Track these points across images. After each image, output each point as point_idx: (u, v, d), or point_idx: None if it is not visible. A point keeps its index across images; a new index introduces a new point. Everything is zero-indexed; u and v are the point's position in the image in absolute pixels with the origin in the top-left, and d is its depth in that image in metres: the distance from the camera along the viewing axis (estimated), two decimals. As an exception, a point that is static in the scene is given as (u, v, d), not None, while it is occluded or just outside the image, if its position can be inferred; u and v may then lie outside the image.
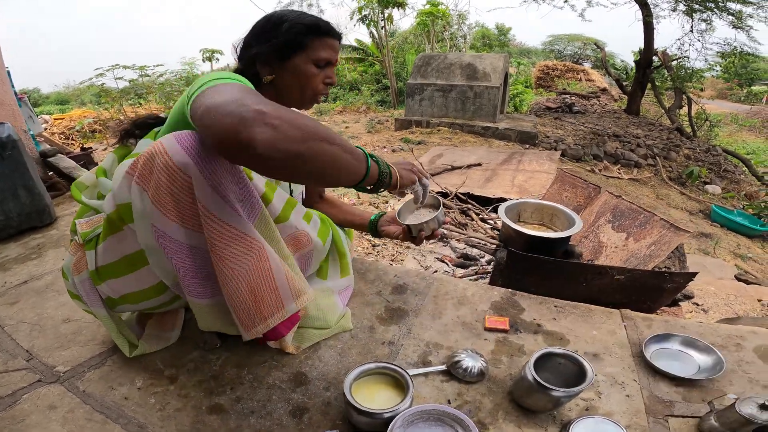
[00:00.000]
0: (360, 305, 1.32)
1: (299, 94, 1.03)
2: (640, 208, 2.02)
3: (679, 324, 1.29)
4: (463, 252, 2.31)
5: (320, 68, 1.01)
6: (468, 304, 1.36)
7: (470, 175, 3.80)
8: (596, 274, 1.56)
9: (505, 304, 1.37)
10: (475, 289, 1.45)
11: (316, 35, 0.98)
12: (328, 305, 1.19)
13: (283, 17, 0.99)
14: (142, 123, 1.03)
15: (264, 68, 1.00)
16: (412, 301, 1.36)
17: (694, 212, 5.73)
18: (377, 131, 7.51)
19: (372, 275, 1.52)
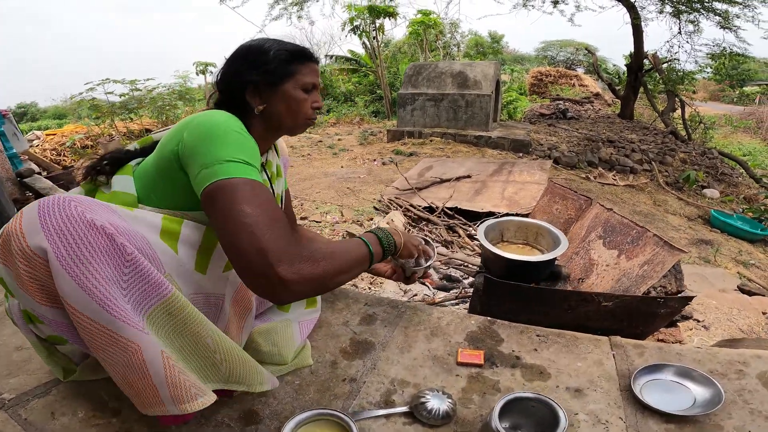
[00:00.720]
0: (324, 337, 1.25)
1: (292, 121, 1.00)
2: (632, 222, 1.90)
3: (674, 351, 1.19)
4: (446, 273, 2.19)
5: (308, 93, 1.00)
6: (441, 335, 1.27)
7: (459, 188, 3.70)
8: (581, 300, 1.45)
9: (482, 334, 1.28)
10: (451, 318, 1.36)
11: (301, 61, 0.98)
12: (284, 340, 1.12)
13: (265, 45, 0.97)
14: (113, 158, 0.96)
15: (254, 98, 0.96)
16: (381, 332, 1.28)
17: (693, 218, 5.62)
18: (369, 143, 7.44)
19: (341, 304, 1.44)
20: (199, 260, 0.85)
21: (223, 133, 0.81)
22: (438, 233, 2.85)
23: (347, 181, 4.53)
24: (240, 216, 0.72)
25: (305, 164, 5.86)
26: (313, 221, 3.12)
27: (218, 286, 0.91)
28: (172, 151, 0.83)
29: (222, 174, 0.76)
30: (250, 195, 0.75)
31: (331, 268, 0.79)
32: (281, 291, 0.72)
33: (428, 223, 3.02)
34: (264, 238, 0.71)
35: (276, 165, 1.14)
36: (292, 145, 7.32)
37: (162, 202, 0.87)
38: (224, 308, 0.93)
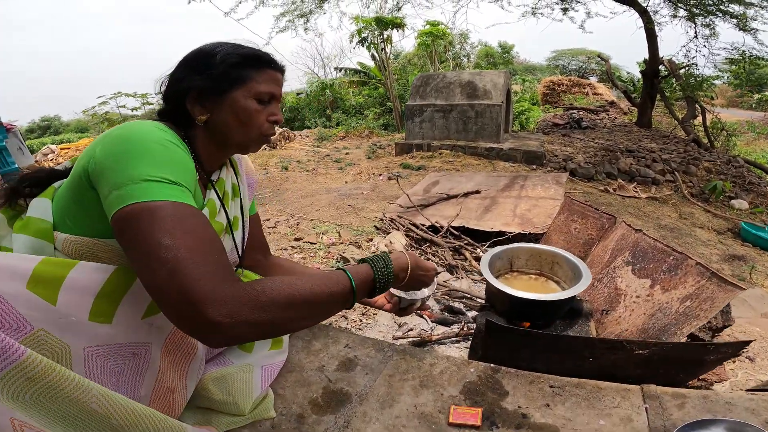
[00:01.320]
0: (293, 384, 1.10)
1: (242, 135, 0.89)
2: (668, 247, 1.61)
3: (722, 401, 0.98)
4: (447, 304, 1.92)
5: (263, 104, 0.89)
6: (433, 386, 1.08)
7: (467, 205, 3.42)
8: (609, 348, 1.18)
9: (482, 385, 1.08)
10: (445, 365, 1.15)
11: (255, 67, 0.87)
12: (241, 388, 0.98)
13: (216, 48, 0.87)
14: (34, 179, 0.88)
15: (195, 107, 0.86)
16: (360, 381, 1.11)
17: (722, 231, 5.25)
18: (377, 157, 7.24)
19: (318, 343, 1.26)
20: (99, 308, 0.72)
21: (140, 146, 0.70)
22: (442, 256, 2.58)
23: (350, 198, 4.30)
24: (157, 249, 0.62)
25: (309, 179, 5.66)
26: (308, 242, 2.88)
27: (137, 334, 0.77)
28: (83, 168, 0.73)
29: (135, 197, 0.65)
30: (171, 222, 0.64)
31: (282, 314, 0.67)
32: (213, 335, 0.62)
33: (431, 245, 2.75)
34: (187, 277, 0.60)
35: (232, 184, 1.01)
36: (299, 160, 7.16)
37: (77, 229, 0.77)
38: (151, 358, 0.79)
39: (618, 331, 1.68)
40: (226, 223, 0.96)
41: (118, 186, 0.66)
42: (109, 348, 0.74)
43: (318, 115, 13.81)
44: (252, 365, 1.04)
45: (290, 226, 3.28)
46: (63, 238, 0.77)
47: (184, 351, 0.87)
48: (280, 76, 0.93)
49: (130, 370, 0.76)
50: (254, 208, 1.19)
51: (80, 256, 0.77)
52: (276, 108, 0.92)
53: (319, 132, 10.49)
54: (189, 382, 0.89)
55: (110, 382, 0.73)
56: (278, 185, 5.33)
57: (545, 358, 1.22)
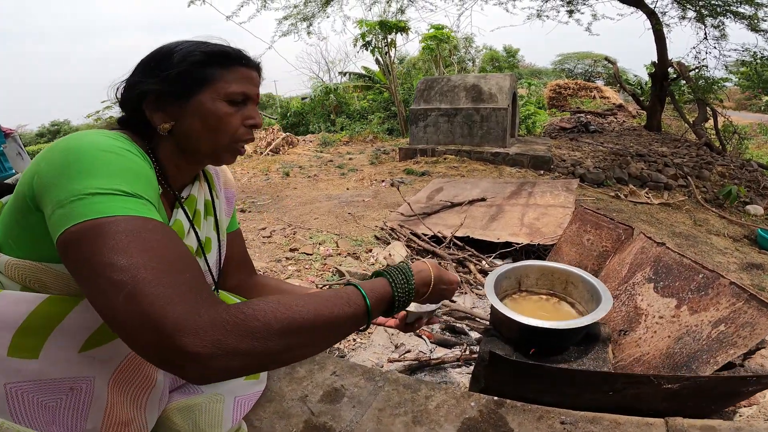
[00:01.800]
0: (271, 416, 1.00)
1: (211, 143, 0.79)
2: (697, 264, 1.45)
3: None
4: (449, 324, 1.76)
5: (236, 106, 0.79)
6: (427, 423, 0.97)
7: (471, 213, 3.26)
8: (632, 383, 1.05)
9: (483, 422, 0.96)
10: (443, 398, 1.03)
11: (223, 65, 0.77)
12: (208, 420, 0.89)
13: (176, 46, 0.78)
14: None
15: (156, 114, 0.76)
16: (347, 415, 1.00)
17: (739, 238, 5.05)
18: (381, 162, 7.11)
19: (303, 370, 1.15)
20: (20, 343, 0.66)
21: (87, 155, 0.61)
22: (445, 268, 2.42)
23: (350, 206, 4.16)
24: (109, 272, 0.52)
25: (309, 186, 5.53)
26: (304, 253, 2.74)
27: (74, 369, 0.69)
28: (26, 185, 0.65)
29: (82, 214, 0.56)
30: (125, 240, 0.54)
31: (279, 342, 0.56)
32: (191, 368, 0.51)
33: (434, 257, 2.59)
34: (149, 300, 0.50)
35: (205, 201, 0.93)
36: (301, 165, 7.04)
37: (20, 251, 0.70)
38: (94, 392, 0.71)
39: (637, 354, 1.52)
40: (197, 246, 0.89)
41: (62, 203, 0.58)
42: (36, 384, 0.67)
43: (322, 120, 13.75)
44: (223, 395, 0.94)
45: (286, 236, 3.14)
46: (5, 261, 0.70)
47: (140, 384, 0.78)
48: (256, 74, 0.83)
49: (68, 406, 0.69)
50: (235, 223, 1.10)
51: (24, 281, 0.70)
52: (252, 110, 0.82)
53: (323, 137, 10.39)
54: (149, 415, 0.81)
55: (42, 417, 0.67)
56: (278, 191, 5.21)
57: (557, 390, 1.08)
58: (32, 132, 25.07)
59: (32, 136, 24.28)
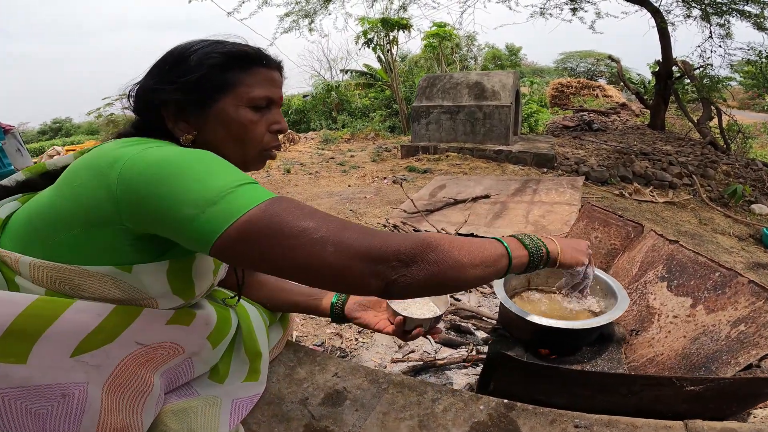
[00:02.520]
0: (270, 419, 0.95)
1: (239, 153, 0.76)
2: (712, 262, 1.40)
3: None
4: (454, 323, 1.71)
5: (260, 111, 0.75)
6: (434, 427, 0.93)
7: (475, 210, 3.21)
8: (651, 385, 1.00)
9: (494, 426, 0.92)
10: (450, 401, 0.99)
11: (244, 67, 0.73)
12: (204, 424, 0.84)
13: (190, 48, 0.73)
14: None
15: (178, 124, 0.73)
16: (349, 419, 0.95)
17: (744, 237, 5.00)
18: (383, 159, 7.07)
19: (304, 371, 1.10)
20: (8, 346, 0.63)
21: (192, 160, 0.62)
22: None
23: (352, 202, 4.11)
24: (305, 234, 0.58)
25: (311, 183, 5.49)
26: (305, 250, 2.68)
27: (66, 374, 0.66)
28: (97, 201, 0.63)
29: (243, 204, 0.58)
30: (296, 210, 0.60)
31: (455, 253, 0.65)
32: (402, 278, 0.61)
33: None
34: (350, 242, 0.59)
35: None
36: (302, 162, 7.00)
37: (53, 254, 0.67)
38: (88, 399, 0.68)
39: (651, 355, 1.47)
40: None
41: (212, 201, 0.58)
42: (26, 390, 0.64)
43: (323, 117, 13.70)
44: (220, 398, 0.90)
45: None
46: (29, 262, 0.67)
47: (136, 388, 0.74)
48: (277, 74, 0.79)
49: (60, 413, 0.66)
50: None
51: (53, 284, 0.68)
52: (277, 114, 0.79)
53: (324, 134, 10.35)
54: (146, 419, 0.78)
55: (32, 426, 0.64)
56: (279, 188, 5.16)
57: (570, 393, 1.03)
58: (34, 129, 25.11)
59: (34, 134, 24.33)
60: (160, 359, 0.79)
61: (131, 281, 0.69)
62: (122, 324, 0.71)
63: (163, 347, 0.78)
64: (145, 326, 0.74)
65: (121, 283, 0.69)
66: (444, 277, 0.64)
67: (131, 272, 0.68)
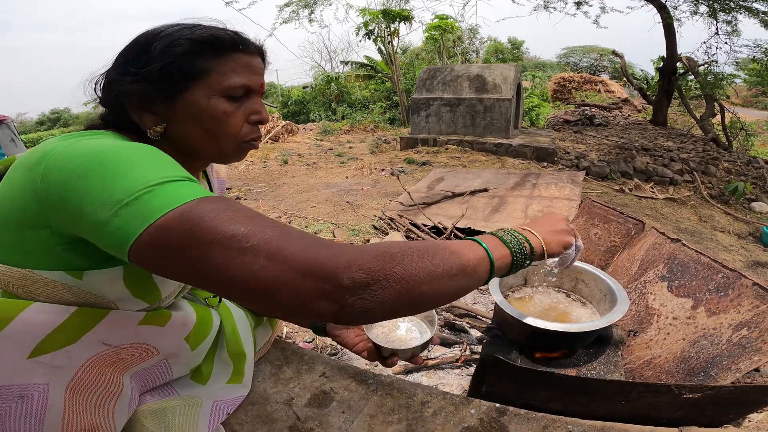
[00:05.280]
0: (252, 420, 0.92)
1: (212, 147, 0.70)
2: (716, 262, 1.35)
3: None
4: (448, 321, 1.66)
5: (236, 101, 0.69)
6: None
7: (473, 204, 3.15)
8: (650, 393, 0.96)
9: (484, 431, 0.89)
10: (440, 405, 0.96)
11: (217, 53, 0.66)
12: (182, 424, 0.81)
13: (157, 34, 0.66)
14: None
15: (144, 116, 0.67)
16: (335, 421, 0.93)
17: (744, 235, 4.96)
18: (381, 151, 7.00)
19: (290, 371, 1.07)
20: None
21: (121, 153, 0.55)
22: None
23: (348, 194, 4.06)
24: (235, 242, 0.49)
25: (308, 174, 5.43)
26: (299, 243, 2.63)
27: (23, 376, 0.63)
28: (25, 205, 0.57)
29: (162, 205, 0.50)
30: (226, 213, 0.51)
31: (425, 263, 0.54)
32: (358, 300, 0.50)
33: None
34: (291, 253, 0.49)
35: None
36: (300, 153, 6.93)
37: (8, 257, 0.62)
38: (49, 400, 0.65)
39: (648, 357, 1.43)
40: None
41: (124, 203, 0.51)
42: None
43: (323, 108, 13.60)
44: (201, 399, 0.87)
45: (282, 224, 3.04)
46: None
47: (106, 389, 0.71)
48: (258, 60, 0.72)
49: (18, 414, 0.63)
50: None
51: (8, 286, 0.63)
52: (257, 103, 0.72)
53: (324, 125, 10.26)
54: (118, 420, 0.75)
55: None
56: (276, 179, 5.10)
57: (565, 398, 0.99)
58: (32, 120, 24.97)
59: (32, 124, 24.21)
60: (130, 360, 0.75)
61: (85, 287, 0.65)
62: (86, 325, 0.67)
63: (134, 349, 0.74)
64: (112, 327, 0.70)
65: (74, 289, 0.64)
66: (414, 295, 0.53)
67: (82, 279, 0.63)
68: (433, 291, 0.55)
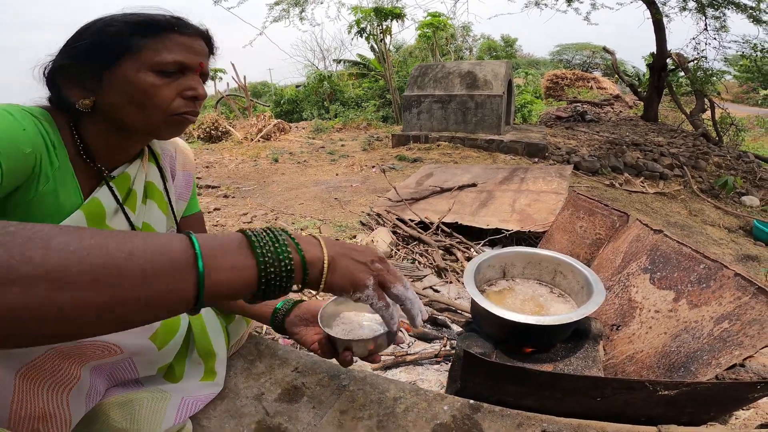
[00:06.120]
0: (221, 415, 0.92)
1: (140, 119, 0.72)
2: (697, 253, 1.33)
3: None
4: (430, 315, 1.64)
5: (168, 76, 0.72)
6: (394, 429, 0.89)
7: (461, 199, 3.13)
8: (624, 389, 0.94)
9: (456, 429, 0.88)
10: (413, 401, 0.95)
11: (151, 33, 0.70)
12: (148, 416, 0.81)
13: (99, 20, 0.71)
14: None
15: (72, 90, 0.71)
16: (305, 416, 0.92)
17: (734, 229, 4.97)
18: (373, 148, 6.97)
19: (263, 365, 1.07)
20: None
21: None
22: (431, 256, 2.29)
23: (337, 191, 4.02)
24: None
25: (298, 172, 5.38)
26: (284, 240, 2.60)
27: None
28: None
29: None
30: None
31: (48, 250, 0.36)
32: None
33: (420, 244, 2.47)
34: None
35: (146, 183, 0.87)
36: (291, 152, 6.87)
37: None
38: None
39: (630, 352, 1.41)
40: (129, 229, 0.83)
41: None
42: None
43: (316, 107, 13.54)
44: (170, 394, 0.89)
45: (267, 222, 3.00)
46: None
47: (61, 379, 0.72)
48: (199, 42, 0.76)
49: None
50: (194, 206, 1.04)
51: None
52: (193, 80, 0.75)
53: (316, 123, 10.20)
54: (73, 410, 0.75)
55: None
56: (265, 177, 5.06)
57: (539, 394, 0.97)
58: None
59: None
60: (91, 356, 0.75)
61: None
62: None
63: (95, 346, 0.75)
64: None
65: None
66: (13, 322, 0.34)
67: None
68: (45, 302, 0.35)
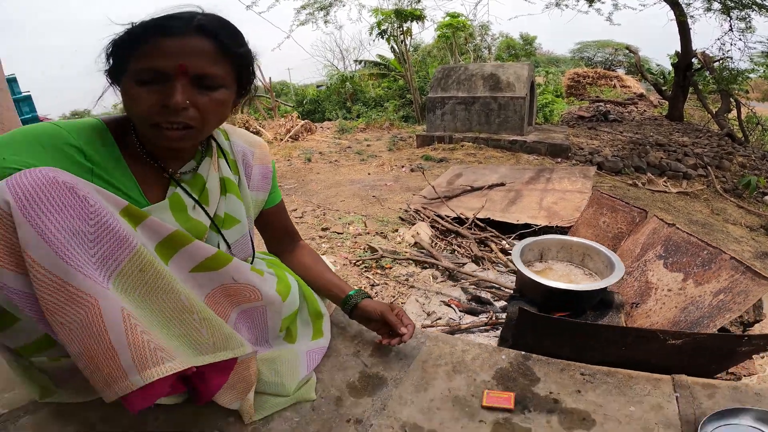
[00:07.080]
0: (331, 369, 1.11)
1: (137, 126, 0.82)
2: (702, 242, 1.60)
3: (752, 392, 1.00)
4: (474, 294, 1.93)
5: (145, 84, 0.73)
6: (465, 371, 1.10)
7: (491, 197, 3.41)
8: (641, 338, 1.21)
9: (514, 372, 1.10)
10: (477, 352, 1.17)
11: (138, 41, 0.72)
12: (289, 369, 1.01)
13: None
14: None
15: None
16: (395, 366, 1.12)
17: (755, 228, 5.08)
18: (399, 149, 7.23)
19: (353, 330, 1.27)
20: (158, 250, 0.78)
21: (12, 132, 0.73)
22: (468, 247, 2.59)
23: (373, 189, 4.34)
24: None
25: (332, 171, 5.72)
26: (335, 232, 2.93)
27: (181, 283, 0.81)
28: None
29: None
30: None
31: None
32: None
33: (457, 236, 2.76)
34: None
35: (221, 179, 0.97)
36: (321, 151, 7.21)
37: None
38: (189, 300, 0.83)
39: (647, 324, 1.67)
40: (209, 222, 0.93)
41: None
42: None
43: (338, 107, 13.86)
44: (297, 350, 1.07)
45: (317, 217, 3.34)
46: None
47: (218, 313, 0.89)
48: (192, 42, 0.72)
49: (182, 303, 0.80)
50: (276, 197, 1.14)
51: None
52: (168, 88, 0.72)
53: (340, 124, 10.52)
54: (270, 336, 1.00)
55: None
56: (302, 176, 5.40)
57: (575, 347, 1.24)
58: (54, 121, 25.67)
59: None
60: (241, 297, 0.92)
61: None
62: (224, 261, 0.88)
63: (246, 288, 0.92)
64: (237, 267, 0.91)
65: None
66: None
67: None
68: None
